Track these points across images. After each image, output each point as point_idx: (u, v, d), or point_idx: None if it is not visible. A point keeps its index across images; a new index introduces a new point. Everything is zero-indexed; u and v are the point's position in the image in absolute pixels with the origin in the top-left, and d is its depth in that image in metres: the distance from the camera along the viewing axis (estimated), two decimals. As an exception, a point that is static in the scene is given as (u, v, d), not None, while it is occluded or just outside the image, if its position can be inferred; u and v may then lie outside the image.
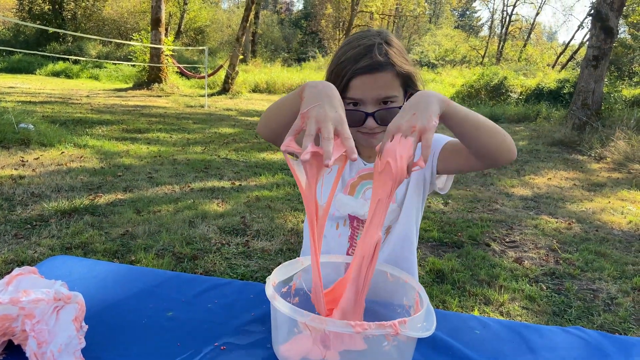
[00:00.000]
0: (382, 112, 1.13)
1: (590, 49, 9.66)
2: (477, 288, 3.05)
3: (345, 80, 1.13)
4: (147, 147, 6.75)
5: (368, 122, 1.14)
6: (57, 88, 14.15)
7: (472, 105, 14.64)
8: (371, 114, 1.13)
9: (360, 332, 0.73)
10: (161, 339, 0.90)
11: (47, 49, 20.48)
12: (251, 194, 4.81)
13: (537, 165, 7.36)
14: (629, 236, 4.24)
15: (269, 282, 0.86)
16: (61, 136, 6.61)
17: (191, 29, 28.89)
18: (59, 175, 4.95)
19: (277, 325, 0.86)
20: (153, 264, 3.10)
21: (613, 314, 2.83)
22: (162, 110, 11.07)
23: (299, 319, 0.76)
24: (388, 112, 1.14)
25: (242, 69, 19.08)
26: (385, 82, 1.13)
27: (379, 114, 1.13)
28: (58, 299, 0.80)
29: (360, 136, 1.18)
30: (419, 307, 0.88)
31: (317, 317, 0.75)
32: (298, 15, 41.65)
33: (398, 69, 1.13)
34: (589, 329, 1.07)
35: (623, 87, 14.75)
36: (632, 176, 6.71)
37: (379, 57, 1.12)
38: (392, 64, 1.13)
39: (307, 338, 0.81)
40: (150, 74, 15.60)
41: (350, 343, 0.81)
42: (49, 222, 3.67)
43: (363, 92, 1.13)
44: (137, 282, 1.12)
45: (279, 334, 0.86)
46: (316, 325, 0.75)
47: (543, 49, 37.76)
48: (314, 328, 0.77)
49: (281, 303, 0.79)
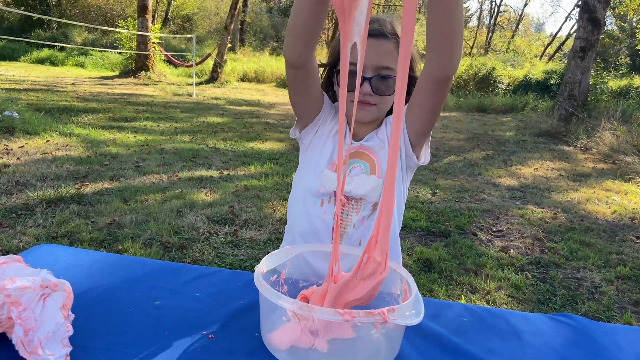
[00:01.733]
0: (378, 79, 1.14)
1: (578, 41, 9.72)
2: (464, 277, 3.08)
3: None
4: (134, 136, 6.69)
5: (364, 87, 1.14)
6: (41, 75, 13.92)
7: (461, 96, 14.70)
8: (368, 79, 1.14)
9: (348, 320, 0.73)
10: (148, 328, 0.89)
11: (32, 36, 20.12)
12: (239, 184, 4.79)
13: (524, 155, 7.42)
14: (613, 226, 4.31)
15: (258, 271, 0.85)
16: (46, 124, 6.51)
17: (178, 17, 28.54)
18: (44, 163, 4.89)
19: (266, 314, 0.86)
20: (140, 253, 3.08)
21: (597, 302, 2.88)
22: (149, 99, 10.95)
23: (287, 307, 0.76)
24: (384, 81, 1.15)
25: (231, 58, 18.92)
26: (387, 51, 1.15)
27: (375, 80, 1.14)
28: (45, 287, 0.79)
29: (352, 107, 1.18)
30: (407, 295, 0.88)
31: (305, 305, 0.75)
32: (287, 4, 41.28)
33: None
34: (575, 315, 1.09)
35: (609, 78, 14.89)
36: (617, 167, 6.80)
37: (387, 25, 1.15)
38: (397, 35, 1.15)
39: (296, 326, 0.81)
40: (137, 62, 15.40)
41: (339, 331, 0.81)
42: (35, 211, 3.63)
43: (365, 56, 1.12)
44: (124, 271, 1.12)
45: (267, 322, 0.86)
46: (304, 314, 0.75)
47: (531, 40, 37.97)
48: (302, 316, 0.77)
49: (269, 291, 0.79)
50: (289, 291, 1.00)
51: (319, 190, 1.25)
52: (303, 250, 1.06)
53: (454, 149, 7.59)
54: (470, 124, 10.97)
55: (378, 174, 1.23)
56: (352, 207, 1.23)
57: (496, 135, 9.32)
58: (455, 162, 6.66)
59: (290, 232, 1.34)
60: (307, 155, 1.30)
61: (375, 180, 1.22)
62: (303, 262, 1.09)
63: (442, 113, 12.50)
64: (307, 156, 1.31)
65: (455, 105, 13.81)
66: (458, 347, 0.92)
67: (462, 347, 0.93)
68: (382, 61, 1.14)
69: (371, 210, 1.25)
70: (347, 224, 1.24)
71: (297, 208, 1.30)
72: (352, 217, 1.24)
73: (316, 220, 1.26)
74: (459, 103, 13.98)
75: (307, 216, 1.27)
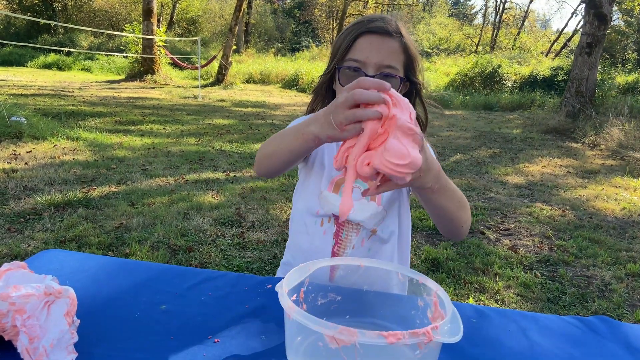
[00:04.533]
0: (382, 78, 1.11)
1: (584, 36, 9.65)
2: (472, 276, 3.06)
3: (353, 37, 1.13)
4: (140, 139, 6.71)
5: None
6: (49, 80, 14.02)
7: (467, 95, 14.64)
8: (371, 77, 1.11)
9: (394, 342, 0.69)
10: (154, 333, 0.89)
11: (39, 41, 20.29)
12: (246, 185, 4.79)
13: (531, 153, 7.37)
14: (623, 222, 4.26)
15: (282, 291, 0.80)
16: (53, 129, 6.55)
17: (183, 20, 28.65)
18: (51, 168, 4.91)
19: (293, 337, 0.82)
20: (148, 256, 3.09)
21: (607, 300, 2.85)
22: (155, 102, 11.00)
23: (325, 332, 0.71)
24: (388, 80, 1.11)
25: (236, 60, 18.97)
26: (391, 49, 1.13)
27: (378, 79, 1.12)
28: (49, 294, 0.78)
29: None
30: (438, 307, 0.86)
31: (345, 329, 0.70)
32: (291, 5, 41.34)
33: (406, 42, 1.14)
34: (586, 317, 1.07)
35: (616, 74, 14.78)
36: (625, 163, 6.74)
37: (392, 24, 1.14)
38: (402, 35, 1.14)
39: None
40: (143, 66, 15.48)
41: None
42: (43, 216, 3.65)
43: (368, 53, 1.12)
44: (129, 275, 1.11)
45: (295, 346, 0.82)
46: (345, 338, 0.70)
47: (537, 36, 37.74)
48: (342, 341, 0.71)
49: (303, 315, 0.74)
50: (309, 309, 0.96)
51: (317, 212, 1.24)
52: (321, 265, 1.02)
53: (461, 148, 7.55)
54: (476, 122, 10.92)
55: (378, 201, 1.21)
56: (351, 227, 1.22)
57: (503, 133, 9.27)
58: (462, 160, 6.62)
59: (292, 249, 1.34)
60: (305, 173, 1.29)
61: (375, 208, 1.20)
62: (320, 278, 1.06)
63: (448, 112, 12.47)
64: (304, 173, 1.30)
65: (461, 104, 13.76)
66: (465, 350, 0.91)
67: (470, 349, 0.91)
68: (385, 60, 1.12)
69: (370, 233, 1.23)
70: (346, 244, 1.23)
71: (298, 226, 1.30)
72: (351, 237, 1.22)
73: (316, 240, 1.25)
74: (465, 101, 13.92)
75: (308, 235, 1.26)
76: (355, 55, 1.13)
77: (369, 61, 1.11)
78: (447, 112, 12.42)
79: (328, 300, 1.00)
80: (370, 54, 1.11)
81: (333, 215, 1.24)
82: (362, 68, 1.12)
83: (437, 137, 8.24)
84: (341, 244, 1.23)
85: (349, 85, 0.80)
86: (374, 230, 1.23)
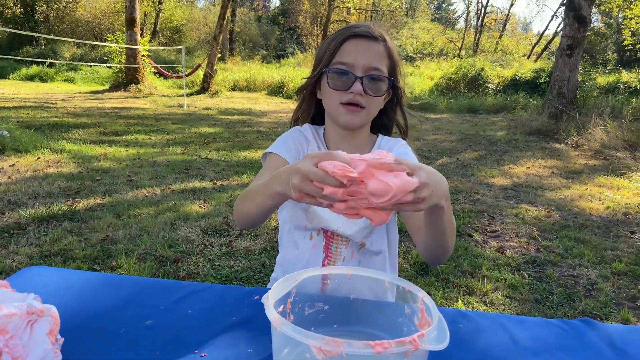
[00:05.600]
0: (369, 79, 1.14)
1: (564, 39, 9.80)
2: (461, 279, 3.08)
3: (339, 41, 1.15)
4: (125, 150, 6.66)
5: (355, 86, 1.14)
6: (31, 92, 13.87)
7: (451, 98, 14.76)
8: (359, 78, 1.13)
9: (381, 352, 0.69)
10: (140, 349, 0.88)
11: (20, 53, 20.10)
12: (233, 194, 4.77)
13: (516, 154, 7.45)
14: (607, 222, 4.32)
15: (268, 303, 0.80)
16: (37, 141, 6.48)
17: (167, 29, 28.56)
18: (35, 181, 4.85)
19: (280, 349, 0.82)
20: (134, 268, 3.05)
21: (594, 299, 2.88)
22: (140, 112, 10.93)
23: (312, 343, 0.71)
24: (376, 81, 1.15)
25: (221, 68, 18.94)
26: (377, 52, 1.16)
27: (367, 80, 1.14)
28: (31, 313, 0.77)
29: (341, 110, 1.17)
30: (424, 315, 0.86)
31: (332, 339, 0.70)
32: (275, 12, 41.42)
33: (390, 47, 1.18)
34: (571, 320, 1.08)
35: (597, 74, 15.03)
36: (608, 162, 6.84)
37: (376, 29, 1.17)
38: (385, 40, 1.17)
39: None
40: (127, 75, 15.38)
41: None
42: (27, 230, 3.60)
43: (355, 56, 1.14)
44: (115, 290, 1.10)
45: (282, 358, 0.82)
46: (332, 349, 0.70)
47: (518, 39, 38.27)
48: (329, 352, 0.71)
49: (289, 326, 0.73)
50: (296, 320, 0.96)
51: (306, 226, 1.24)
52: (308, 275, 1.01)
53: (447, 151, 7.60)
54: (461, 125, 11.01)
55: None
56: (341, 240, 1.23)
57: (488, 136, 9.36)
58: (448, 163, 6.67)
59: (282, 264, 1.34)
60: None
61: (363, 221, 1.20)
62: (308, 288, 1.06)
63: (434, 115, 12.56)
64: None
65: (446, 107, 13.87)
66: (453, 355, 0.92)
67: (458, 354, 0.92)
68: (372, 62, 1.15)
69: (359, 246, 1.24)
70: (336, 257, 1.23)
71: (287, 241, 1.30)
72: (341, 250, 1.23)
73: (306, 254, 1.25)
74: (449, 104, 14.04)
75: (297, 249, 1.27)
76: (342, 59, 1.15)
77: (356, 63, 1.14)
78: (432, 115, 12.51)
79: (316, 310, 1.00)
80: (358, 56, 1.14)
81: (322, 229, 1.23)
82: (350, 70, 1.14)
83: (423, 141, 8.29)
84: (331, 257, 1.24)
85: (319, 155, 0.77)
86: (362, 244, 1.23)
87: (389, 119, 1.32)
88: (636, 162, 6.64)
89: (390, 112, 1.29)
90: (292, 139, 1.26)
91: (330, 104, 1.20)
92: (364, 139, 1.29)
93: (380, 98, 1.19)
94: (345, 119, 1.18)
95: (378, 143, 1.30)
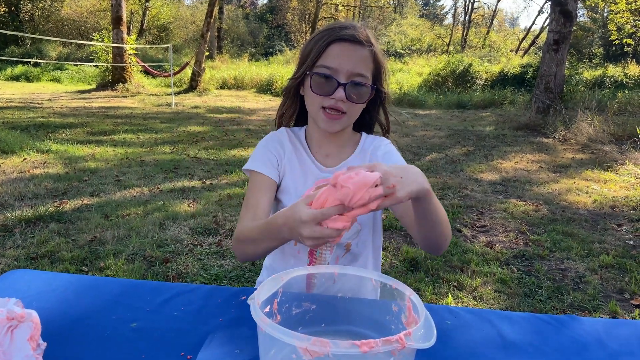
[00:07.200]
0: (352, 85, 1.13)
1: (551, 34, 9.87)
2: (451, 274, 3.09)
3: (324, 44, 1.14)
4: (113, 150, 6.60)
5: (337, 92, 1.13)
6: (17, 92, 13.69)
7: (440, 94, 14.81)
8: (343, 84, 1.12)
9: (367, 351, 0.69)
10: (125, 352, 0.87)
11: (5, 53, 19.83)
12: (222, 193, 4.75)
13: (504, 149, 7.49)
14: (594, 215, 4.36)
15: (254, 304, 0.79)
16: (23, 142, 6.40)
17: (154, 27, 28.36)
18: (21, 182, 4.79)
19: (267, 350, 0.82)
20: (123, 269, 3.03)
21: (582, 292, 2.91)
22: (128, 111, 10.83)
23: (298, 344, 0.71)
24: (358, 88, 1.14)
25: (209, 66, 18.83)
26: (362, 58, 1.15)
27: (349, 87, 1.13)
28: (11, 318, 0.76)
29: (321, 116, 1.17)
30: (411, 312, 0.86)
31: (318, 340, 0.70)
32: (263, 9, 41.28)
33: (375, 51, 1.16)
34: (559, 315, 1.09)
35: (584, 69, 15.15)
36: (595, 156, 6.90)
37: (363, 32, 1.15)
38: (372, 44, 1.16)
39: None
40: (114, 74, 15.23)
41: None
42: (13, 232, 3.56)
43: (340, 61, 1.13)
44: (100, 293, 1.09)
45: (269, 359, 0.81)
46: (318, 350, 0.70)
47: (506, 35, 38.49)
48: (315, 352, 0.71)
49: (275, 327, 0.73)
50: (283, 320, 0.95)
51: None
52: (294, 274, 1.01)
53: (436, 147, 7.63)
54: (450, 120, 11.05)
55: None
56: (325, 246, 1.22)
57: (476, 131, 9.41)
58: (437, 159, 6.69)
59: (268, 269, 1.36)
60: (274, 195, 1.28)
61: None
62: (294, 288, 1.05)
63: (422, 111, 12.59)
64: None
65: (435, 103, 13.91)
66: (440, 353, 0.92)
67: (445, 352, 0.92)
68: (356, 67, 1.13)
69: (344, 250, 1.24)
70: (321, 262, 1.23)
71: None
72: (325, 255, 1.23)
73: (291, 260, 1.26)
74: (438, 100, 14.08)
75: (283, 255, 1.28)
76: (326, 62, 1.13)
77: (340, 68, 1.12)
78: (421, 111, 12.54)
79: (303, 309, 0.99)
80: (342, 61, 1.12)
81: None
82: (334, 75, 1.13)
83: (412, 137, 8.31)
84: (315, 263, 1.23)
85: (314, 236, 0.84)
86: (348, 245, 1.23)
87: (371, 118, 1.32)
88: (622, 155, 6.71)
89: (373, 111, 1.29)
90: (269, 149, 1.27)
91: (312, 107, 1.19)
92: (347, 138, 1.29)
93: (361, 104, 1.19)
94: (325, 125, 1.18)
95: (362, 142, 1.30)
